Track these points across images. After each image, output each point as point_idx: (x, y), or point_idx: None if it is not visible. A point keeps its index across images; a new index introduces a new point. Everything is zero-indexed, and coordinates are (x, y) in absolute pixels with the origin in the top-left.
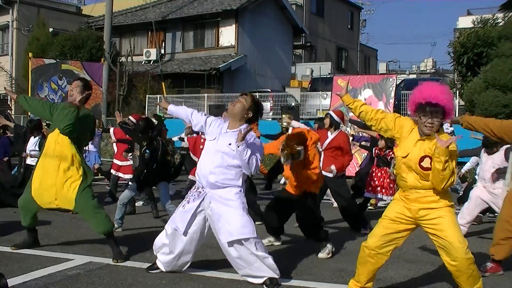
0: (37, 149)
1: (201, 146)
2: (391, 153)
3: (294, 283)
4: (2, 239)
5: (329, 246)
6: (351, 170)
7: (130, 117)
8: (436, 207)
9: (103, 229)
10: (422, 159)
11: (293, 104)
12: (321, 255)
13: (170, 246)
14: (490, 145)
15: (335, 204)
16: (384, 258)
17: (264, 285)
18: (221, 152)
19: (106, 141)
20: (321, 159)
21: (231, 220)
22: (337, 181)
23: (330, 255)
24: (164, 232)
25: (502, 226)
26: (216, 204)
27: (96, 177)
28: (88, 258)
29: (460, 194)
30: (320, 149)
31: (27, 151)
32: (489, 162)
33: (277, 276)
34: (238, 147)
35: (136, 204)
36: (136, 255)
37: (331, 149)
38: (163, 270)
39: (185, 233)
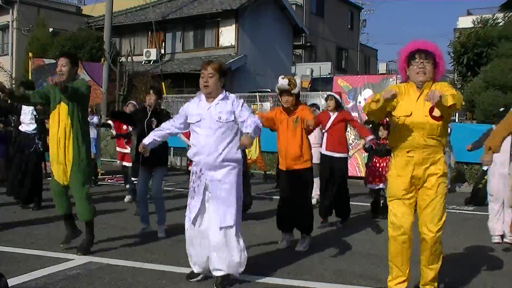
0: (32, 114)
1: None
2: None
3: (294, 283)
4: (2, 239)
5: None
6: (351, 170)
7: (133, 101)
8: (435, 172)
9: (83, 218)
10: (432, 109)
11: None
12: (280, 245)
13: (199, 242)
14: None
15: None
16: (411, 238)
17: (214, 284)
18: (212, 129)
19: (107, 141)
20: (324, 140)
21: (221, 207)
22: (344, 163)
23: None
24: (187, 239)
25: None
26: (213, 187)
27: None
28: (88, 258)
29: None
30: (323, 130)
31: (21, 119)
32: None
33: (236, 275)
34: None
35: (125, 200)
36: (136, 255)
37: (334, 127)
38: (198, 271)
39: (201, 226)
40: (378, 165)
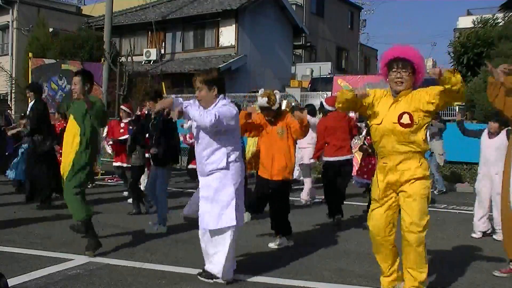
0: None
1: None
2: None
3: (294, 283)
4: (2, 239)
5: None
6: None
7: (122, 107)
8: (413, 177)
9: (77, 216)
10: (400, 116)
11: (293, 104)
12: (272, 244)
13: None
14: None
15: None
16: (387, 239)
17: (198, 275)
18: (201, 138)
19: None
20: (326, 147)
21: (207, 208)
22: (347, 168)
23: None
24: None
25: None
26: (203, 191)
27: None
28: (88, 258)
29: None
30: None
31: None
32: (492, 145)
33: (218, 276)
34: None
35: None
36: (136, 255)
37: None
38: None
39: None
40: (369, 162)
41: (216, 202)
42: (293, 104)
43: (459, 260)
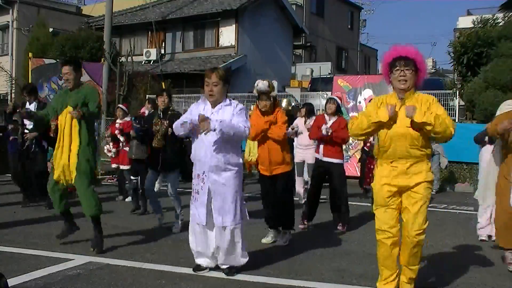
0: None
1: None
2: None
3: (294, 283)
4: (2, 239)
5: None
6: (351, 170)
7: (120, 105)
8: (420, 181)
9: (90, 213)
10: (413, 120)
11: (293, 104)
12: (265, 240)
13: (203, 241)
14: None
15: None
16: (398, 239)
17: (223, 272)
18: (215, 133)
19: (105, 141)
20: (321, 146)
21: (221, 206)
22: (339, 169)
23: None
24: (192, 234)
25: None
26: (214, 188)
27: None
28: (88, 258)
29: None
30: (324, 133)
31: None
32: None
33: (237, 265)
34: (214, 130)
35: (127, 200)
36: (136, 255)
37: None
38: (208, 267)
39: (208, 224)
40: (371, 166)
41: (228, 199)
42: (293, 104)
43: (459, 260)
